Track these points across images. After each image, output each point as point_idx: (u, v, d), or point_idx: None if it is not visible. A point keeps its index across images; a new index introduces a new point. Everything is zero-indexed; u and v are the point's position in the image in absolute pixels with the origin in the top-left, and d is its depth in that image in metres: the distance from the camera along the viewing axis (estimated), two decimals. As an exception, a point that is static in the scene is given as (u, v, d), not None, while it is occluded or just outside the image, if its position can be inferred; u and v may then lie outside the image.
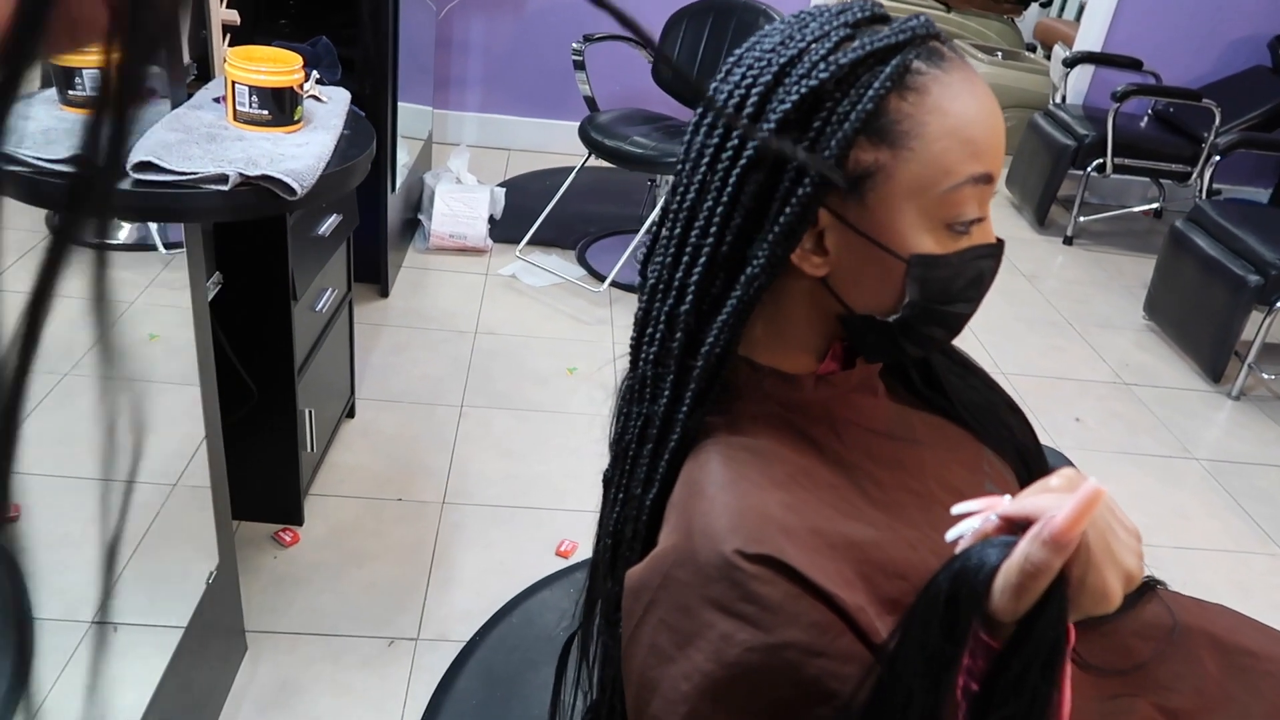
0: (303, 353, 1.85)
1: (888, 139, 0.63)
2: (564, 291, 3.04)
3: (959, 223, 0.65)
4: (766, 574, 0.61)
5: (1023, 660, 0.52)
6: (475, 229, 3.17)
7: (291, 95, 1.41)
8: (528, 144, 4.17)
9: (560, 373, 2.61)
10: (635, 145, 2.92)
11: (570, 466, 2.24)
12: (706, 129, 0.67)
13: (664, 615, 0.64)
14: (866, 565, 0.65)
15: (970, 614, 0.52)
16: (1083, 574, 0.53)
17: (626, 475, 0.72)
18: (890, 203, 0.64)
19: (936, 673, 0.53)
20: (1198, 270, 2.98)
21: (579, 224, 3.41)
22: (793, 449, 0.69)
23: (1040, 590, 0.51)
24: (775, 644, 0.60)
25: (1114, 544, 0.55)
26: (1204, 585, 2.12)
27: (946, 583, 0.54)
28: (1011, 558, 0.52)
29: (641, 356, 0.71)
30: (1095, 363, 3.04)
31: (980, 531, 0.58)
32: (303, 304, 1.81)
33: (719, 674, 0.61)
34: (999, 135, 0.66)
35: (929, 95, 0.64)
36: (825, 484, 0.68)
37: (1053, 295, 3.47)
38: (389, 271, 2.83)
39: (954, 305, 0.68)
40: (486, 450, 2.27)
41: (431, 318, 2.80)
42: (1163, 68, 4.01)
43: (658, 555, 0.66)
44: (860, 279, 0.68)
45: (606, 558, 0.76)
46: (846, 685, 0.61)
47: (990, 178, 0.66)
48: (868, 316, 0.69)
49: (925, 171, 0.64)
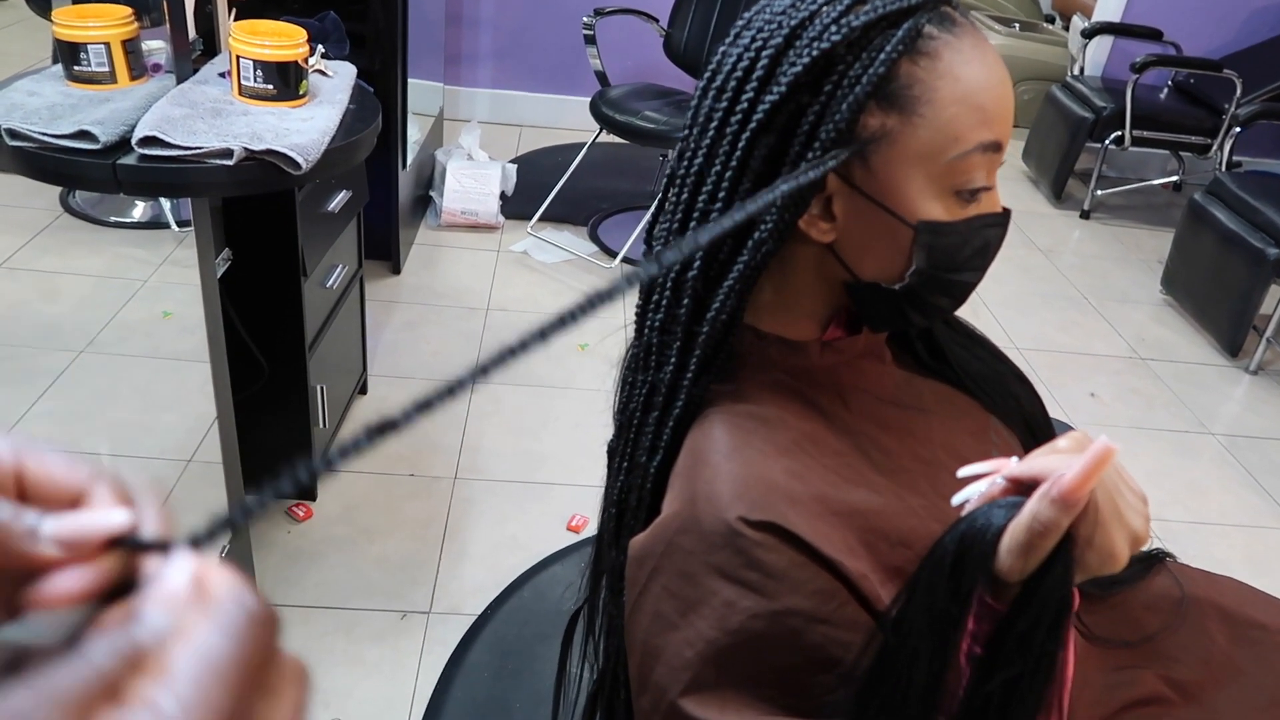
0: (314, 329, 1.85)
1: (898, 104, 0.63)
2: (575, 268, 3.03)
3: (967, 190, 0.65)
4: (770, 541, 0.60)
5: (1029, 619, 0.51)
6: (487, 205, 3.16)
7: (296, 70, 1.40)
8: (539, 120, 4.15)
9: (571, 349, 2.61)
10: (647, 120, 2.90)
11: (581, 442, 2.25)
12: (715, 93, 0.66)
13: (667, 582, 0.64)
14: (870, 533, 0.65)
15: (977, 574, 0.52)
16: (1090, 534, 0.53)
17: (631, 444, 0.72)
18: (899, 169, 0.64)
19: (942, 635, 0.53)
20: (1217, 243, 2.94)
21: (591, 200, 3.40)
22: (798, 416, 0.69)
23: (1048, 549, 0.51)
24: (779, 611, 0.60)
25: (1121, 505, 0.55)
26: (1219, 560, 2.10)
27: (953, 544, 0.53)
28: (1019, 516, 0.51)
29: (647, 324, 0.70)
30: (1111, 337, 3.01)
31: (987, 495, 0.57)
32: (313, 280, 1.81)
33: (723, 641, 0.61)
34: (1009, 103, 0.65)
35: (940, 60, 0.63)
36: (831, 451, 0.68)
37: (1069, 270, 3.44)
38: (400, 248, 2.83)
39: (960, 274, 0.68)
40: (498, 426, 2.27)
41: (443, 294, 2.80)
42: (1183, 38, 3.95)
43: (661, 523, 0.65)
44: (867, 246, 0.67)
45: (611, 527, 0.76)
46: (849, 652, 0.61)
47: (999, 145, 0.65)
48: (874, 284, 0.68)
49: (935, 138, 0.63)
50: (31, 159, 1.18)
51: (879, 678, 0.55)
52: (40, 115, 1.22)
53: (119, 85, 1.35)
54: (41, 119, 1.21)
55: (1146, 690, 0.86)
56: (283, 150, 1.23)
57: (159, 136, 1.20)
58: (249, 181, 1.26)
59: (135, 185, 1.21)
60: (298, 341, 1.80)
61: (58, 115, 1.23)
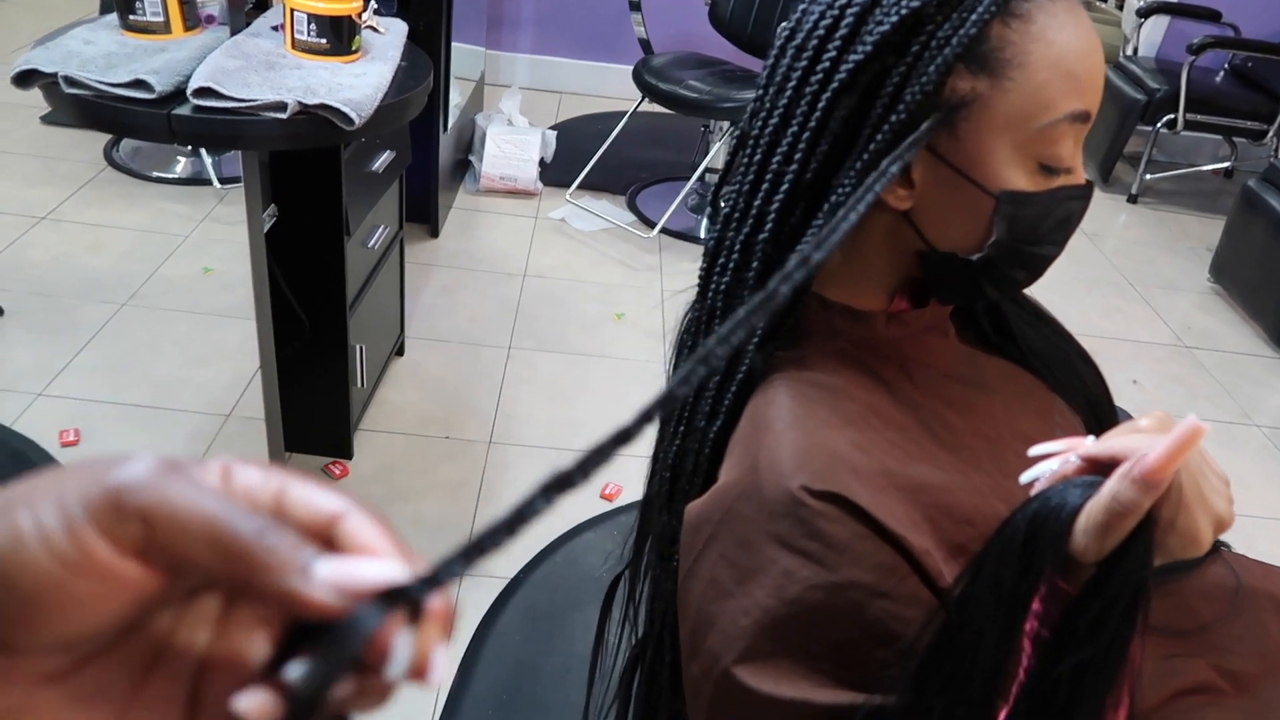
0: (354, 289, 1.85)
1: (988, 67, 0.60)
2: (613, 237, 3.02)
3: (1052, 161, 0.62)
4: (833, 512, 0.59)
5: (1103, 602, 0.50)
6: (525, 171, 3.15)
7: (349, 24, 1.39)
8: (579, 87, 4.11)
9: (608, 318, 2.60)
10: (690, 89, 2.86)
11: (616, 411, 2.23)
12: (794, 51, 0.64)
13: (724, 550, 0.63)
14: (934, 509, 0.64)
15: (1049, 554, 0.51)
16: (1173, 516, 0.51)
17: (689, 409, 0.71)
18: (984, 135, 0.62)
19: (1009, 614, 0.52)
20: (1269, 232, 2.87)
21: (630, 169, 3.37)
22: (862, 387, 0.67)
23: (1126, 530, 0.49)
24: (839, 583, 0.59)
25: (1205, 487, 0.53)
26: (1262, 554, 2.04)
27: (1024, 522, 0.52)
28: (1098, 496, 0.50)
29: (711, 286, 0.69)
30: (1156, 324, 2.96)
31: (1059, 474, 0.56)
32: (355, 239, 1.81)
33: (779, 610, 0.60)
34: (1100, 72, 0.63)
35: (1034, 23, 0.61)
36: (895, 424, 0.67)
37: (1114, 255, 3.37)
38: (439, 212, 2.83)
39: (1040, 246, 0.66)
40: (533, 392, 2.27)
41: (480, 259, 2.79)
42: (1242, 20, 3.84)
43: (720, 489, 0.64)
44: (946, 214, 0.65)
45: (664, 491, 0.75)
46: (909, 628, 0.59)
47: (1089, 115, 0.63)
48: (950, 254, 0.66)
49: (1024, 104, 0.61)
50: (87, 107, 1.18)
51: (941, 655, 0.54)
52: (96, 64, 1.22)
53: (173, 36, 1.35)
54: (98, 67, 1.21)
55: (1199, 679, 0.84)
56: (336, 105, 1.23)
57: (214, 88, 1.20)
58: (301, 135, 1.25)
59: (189, 135, 1.21)
60: (339, 300, 1.80)
61: (113, 64, 1.22)
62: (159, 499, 0.26)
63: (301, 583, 0.26)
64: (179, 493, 0.26)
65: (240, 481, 0.29)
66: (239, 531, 0.26)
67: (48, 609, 0.26)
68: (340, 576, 0.27)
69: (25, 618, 0.26)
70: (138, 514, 0.26)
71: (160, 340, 2.27)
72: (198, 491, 0.27)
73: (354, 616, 0.26)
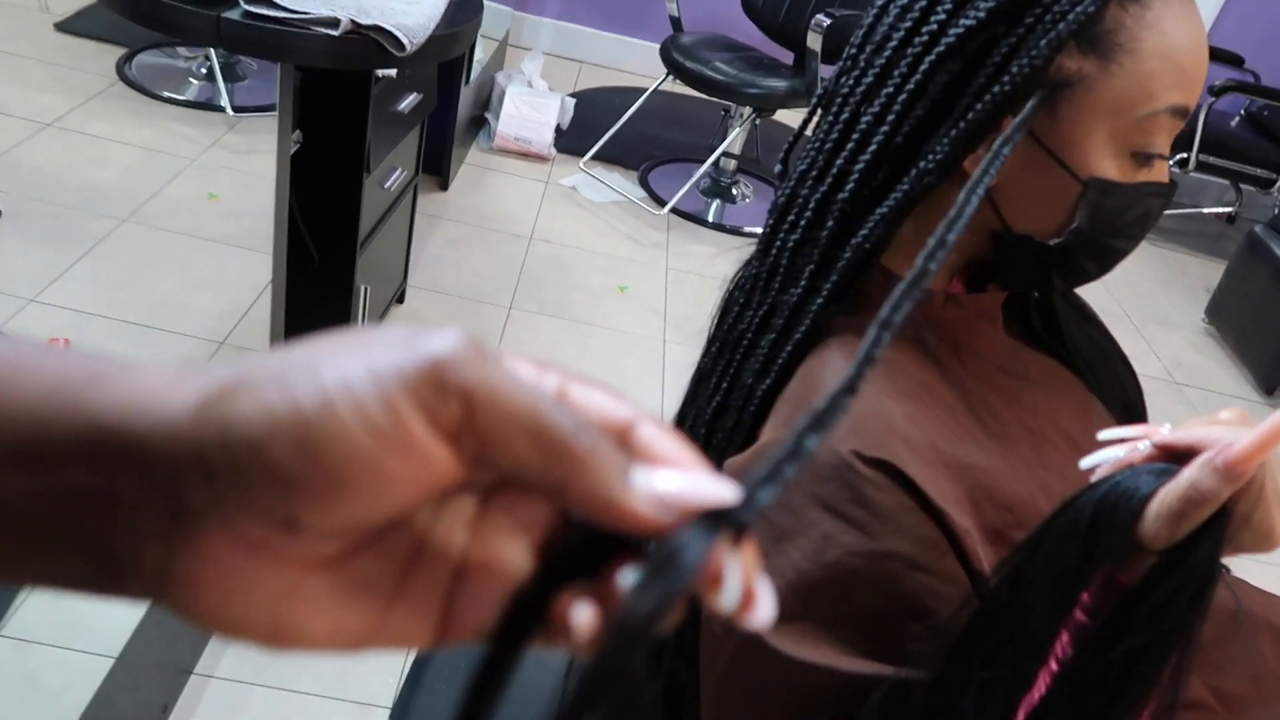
0: (367, 228, 1.83)
1: (1099, 48, 0.60)
2: (623, 211, 3.00)
3: (1144, 153, 0.62)
4: (882, 480, 0.59)
5: (1167, 589, 0.50)
6: (541, 135, 3.12)
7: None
8: (601, 59, 4.08)
9: (611, 290, 2.58)
10: (717, 71, 2.85)
11: (613, 381, 2.22)
12: (898, 12, 0.63)
13: None
14: (977, 490, 0.63)
15: (1117, 536, 0.50)
16: (1250, 510, 0.51)
17: (736, 365, 0.70)
18: (1084, 118, 0.61)
19: (1065, 594, 0.52)
20: (1270, 279, 2.90)
21: (645, 146, 3.35)
22: (916, 363, 0.67)
23: (1200, 520, 0.49)
24: (879, 552, 0.58)
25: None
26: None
27: (1091, 504, 0.52)
28: (1175, 482, 0.49)
29: (777, 244, 0.68)
30: (1149, 359, 2.98)
31: (1124, 461, 0.55)
32: (373, 178, 1.79)
33: (815, 574, 0.59)
34: (1204, 69, 0.63)
35: (1150, 10, 0.60)
36: (944, 404, 0.66)
37: (1114, 285, 3.39)
38: (451, 165, 2.80)
39: (1117, 239, 0.65)
40: (531, 355, 2.26)
41: (489, 217, 2.77)
42: (1264, 68, 3.86)
43: (764, 446, 0.64)
44: (1028, 195, 0.64)
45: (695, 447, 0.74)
46: (943, 605, 0.59)
47: (1187, 111, 0.62)
48: (1026, 237, 0.65)
49: (1129, 91, 0.60)
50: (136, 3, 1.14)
51: (985, 630, 0.54)
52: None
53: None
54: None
55: (1191, 695, 0.85)
56: (389, 28, 1.20)
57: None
58: (350, 55, 1.23)
59: (236, 41, 1.18)
60: (350, 238, 1.78)
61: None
62: (483, 379, 0.23)
63: (625, 492, 0.23)
64: (501, 377, 0.24)
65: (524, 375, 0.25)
66: (561, 426, 0.24)
67: (353, 487, 0.23)
68: (669, 490, 0.24)
69: (325, 494, 0.23)
70: (459, 392, 0.23)
71: (159, 261, 2.23)
72: (515, 378, 0.24)
73: (679, 537, 0.23)
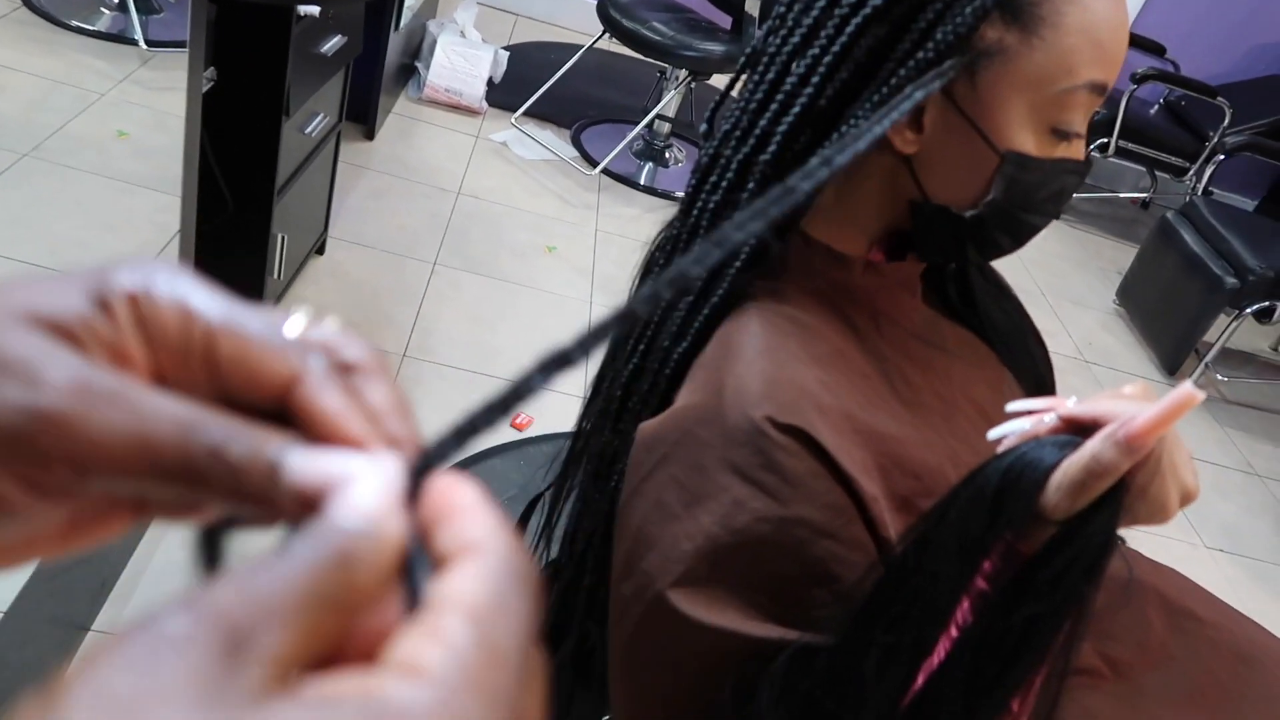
0: (285, 174, 1.76)
1: (1021, 20, 0.60)
2: (553, 169, 2.96)
3: (1064, 129, 0.62)
4: (793, 446, 0.59)
5: (1064, 559, 0.51)
6: (472, 88, 3.04)
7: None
8: (537, 13, 4.00)
9: (539, 249, 2.55)
10: (653, 31, 2.81)
11: (537, 342, 2.20)
12: None
13: (676, 472, 0.61)
14: (886, 458, 0.64)
15: (1020, 506, 0.51)
16: (1147, 482, 0.52)
17: (654, 328, 0.69)
18: (1002, 90, 0.61)
19: (969, 561, 0.52)
20: (1179, 264, 3.00)
21: (578, 105, 3.30)
22: (833, 329, 0.67)
23: (1100, 491, 0.50)
24: (788, 518, 0.59)
25: (1179, 459, 0.54)
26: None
27: (997, 474, 0.52)
28: (1078, 454, 0.50)
29: (698, 205, 0.67)
30: (1061, 336, 3.07)
31: (1030, 432, 0.56)
32: (293, 123, 1.72)
33: (723, 539, 0.59)
34: (1124, 48, 0.63)
35: None
36: (859, 371, 0.66)
37: (1031, 264, 3.48)
38: (378, 114, 2.72)
39: (1031, 214, 0.66)
40: (454, 312, 2.22)
41: (415, 169, 2.70)
42: (1183, 58, 3.98)
43: (679, 411, 0.63)
44: (947, 165, 0.64)
45: (610, 410, 0.73)
46: (849, 571, 0.60)
47: (1105, 88, 0.63)
48: (942, 208, 0.65)
49: (1049, 65, 0.60)
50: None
51: (890, 595, 0.54)
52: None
53: None
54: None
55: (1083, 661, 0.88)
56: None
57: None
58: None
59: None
60: (267, 184, 1.71)
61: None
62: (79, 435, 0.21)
63: (269, 487, 0.22)
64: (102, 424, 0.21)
65: (157, 324, 0.23)
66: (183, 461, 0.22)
67: None
68: (310, 478, 0.22)
69: None
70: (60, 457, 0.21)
71: (62, 198, 2.12)
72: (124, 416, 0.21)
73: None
